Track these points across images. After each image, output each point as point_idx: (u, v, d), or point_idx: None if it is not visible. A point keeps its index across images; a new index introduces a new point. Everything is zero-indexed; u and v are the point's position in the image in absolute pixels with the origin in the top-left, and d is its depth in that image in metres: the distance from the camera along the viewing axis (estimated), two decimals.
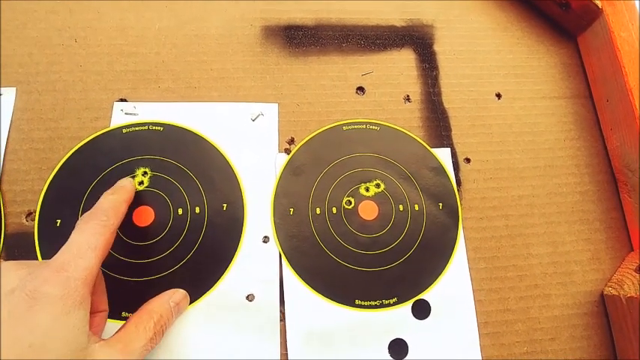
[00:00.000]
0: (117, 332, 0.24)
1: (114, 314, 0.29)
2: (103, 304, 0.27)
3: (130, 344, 0.24)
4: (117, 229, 0.26)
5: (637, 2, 0.37)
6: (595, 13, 0.37)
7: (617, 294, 0.31)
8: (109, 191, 0.28)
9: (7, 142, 0.32)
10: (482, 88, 0.38)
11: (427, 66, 0.38)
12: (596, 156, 0.37)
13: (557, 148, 0.37)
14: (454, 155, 0.36)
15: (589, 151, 0.37)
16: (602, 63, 0.37)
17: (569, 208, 0.35)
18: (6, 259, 0.29)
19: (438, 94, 0.37)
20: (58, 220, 0.30)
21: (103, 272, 0.29)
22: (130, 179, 0.31)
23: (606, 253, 0.34)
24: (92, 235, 0.24)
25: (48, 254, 0.29)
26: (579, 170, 0.36)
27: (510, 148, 0.36)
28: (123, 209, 0.27)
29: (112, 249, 0.30)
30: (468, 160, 0.36)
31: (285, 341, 0.29)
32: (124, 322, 0.28)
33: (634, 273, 0.32)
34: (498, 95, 0.38)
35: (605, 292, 0.33)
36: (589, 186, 0.36)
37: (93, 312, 0.25)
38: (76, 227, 0.25)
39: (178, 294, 0.28)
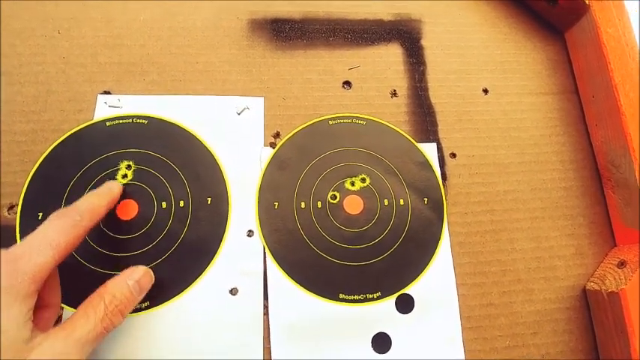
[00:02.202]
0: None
1: None
2: (55, 298, 0.26)
3: (75, 331, 0.23)
4: (89, 231, 0.26)
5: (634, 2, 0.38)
6: (582, 9, 0.37)
7: (598, 289, 0.32)
8: (93, 191, 0.28)
9: None
10: (469, 83, 0.38)
11: (414, 61, 0.38)
12: (580, 152, 0.37)
13: (542, 143, 0.37)
14: (440, 150, 0.36)
15: (574, 146, 0.37)
16: (588, 59, 0.37)
17: (553, 203, 0.35)
18: None
19: (425, 89, 0.37)
20: (40, 214, 0.30)
21: (86, 266, 0.29)
22: (119, 184, 0.30)
23: (589, 249, 0.34)
24: (58, 232, 0.24)
25: None
26: (564, 166, 0.37)
27: (496, 144, 0.36)
28: (101, 212, 0.27)
29: (94, 242, 0.30)
30: (453, 155, 0.36)
31: (269, 335, 0.29)
32: None
33: (616, 268, 0.32)
34: (485, 90, 0.38)
35: (587, 287, 0.33)
36: (573, 182, 0.36)
37: (43, 306, 0.25)
38: (47, 219, 0.25)
39: (138, 271, 0.27)
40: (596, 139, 0.37)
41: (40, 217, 0.30)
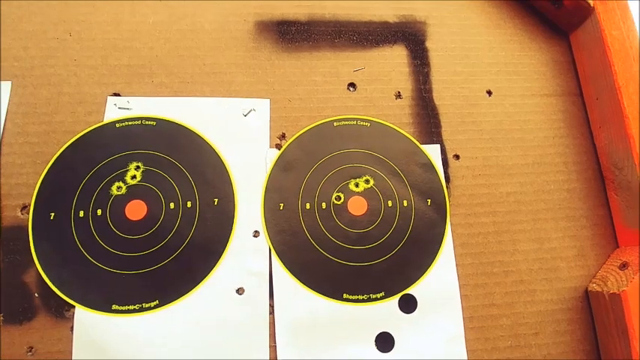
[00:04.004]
0: None
1: (105, 307, 0.30)
2: None
3: None
4: None
5: (633, 2, 0.38)
6: (587, 11, 0.37)
7: (600, 290, 0.32)
8: None
9: (2, 136, 0.32)
10: (474, 85, 0.38)
11: (419, 62, 0.38)
12: (584, 154, 0.37)
13: (546, 145, 0.37)
14: (443, 152, 0.36)
15: (577, 148, 0.37)
16: (592, 61, 0.37)
17: (556, 205, 0.36)
18: (1, 252, 0.30)
19: (429, 91, 0.37)
20: (52, 213, 0.31)
21: (96, 265, 0.30)
22: None
23: (592, 250, 0.35)
24: None
25: (42, 247, 0.30)
26: (567, 168, 0.37)
27: (500, 145, 0.37)
28: None
29: (104, 242, 0.30)
30: (457, 157, 0.36)
31: (274, 334, 0.30)
32: (115, 315, 0.29)
33: (618, 270, 0.32)
34: (489, 92, 0.38)
35: (589, 289, 0.33)
36: (576, 183, 0.36)
37: None
38: None
39: None
40: (599, 141, 0.37)
41: (52, 217, 0.31)
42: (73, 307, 0.29)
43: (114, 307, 0.30)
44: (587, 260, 0.34)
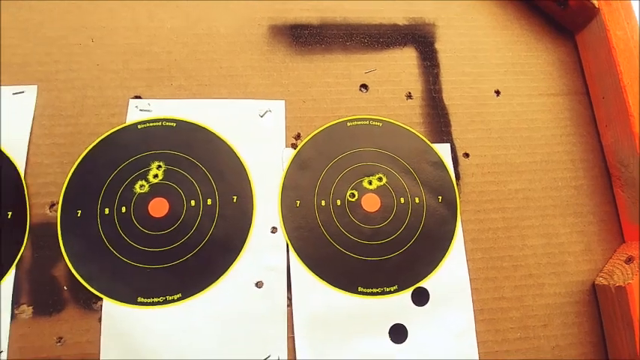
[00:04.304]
0: None
1: (131, 300, 0.31)
2: None
3: None
4: None
5: (634, 2, 0.39)
6: (592, 12, 0.38)
7: (607, 284, 0.33)
8: None
9: (30, 138, 0.34)
10: (482, 85, 0.39)
11: (428, 64, 0.39)
12: (591, 151, 0.38)
13: (553, 143, 0.38)
14: (453, 150, 0.37)
15: (584, 146, 0.38)
16: (598, 61, 0.38)
17: (564, 201, 0.37)
18: (32, 248, 0.31)
19: (439, 91, 0.39)
20: (79, 211, 0.32)
21: (122, 260, 0.31)
22: None
23: (598, 245, 0.36)
24: None
25: (70, 242, 0.32)
26: (574, 165, 0.38)
27: (508, 144, 0.38)
28: None
29: (129, 238, 0.32)
30: (467, 155, 0.37)
31: (292, 325, 0.31)
32: (140, 307, 0.31)
33: (624, 264, 0.33)
34: (497, 92, 0.39)
35: (596, 282, 0.34)
36: (583, 180, 0.37)
37: None
38: None
39: None
40: (606, 139, 0.38)
41: (79, 215, 0.32)
42: (101, 299, 0.31)
43: (139, 299, 0.31)
44: (594, 255, 0.35)
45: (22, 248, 0.31)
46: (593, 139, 0.39)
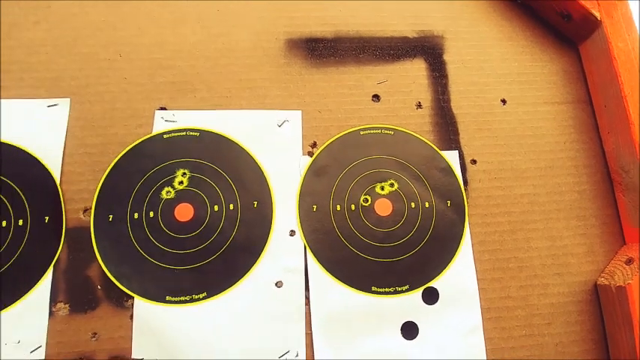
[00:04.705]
0: None
1: (160, 298, 0.33)
2: None
3: None
4: None
5: (635, 15, 0.40)
6: (594, 24, 0.40)
7: (608, 284, 0.35)
8: None
9: (64, 147, 0.36)
10: (489, 94, 0.41)
11: (437, 74, 0.41)
12: (593, 158, 0.40)
13: (557, 150, 0.40)
14: (461, 157, 0.39)
15: (587, 153, 0.40)
16: (600, 71, 0.40)
17: (567, 205, 0.38)
18: (67, 250, 0.34)
19: (447, 101, 0.41)
20: (110, 216, 0.35)
21: (151, 261, 0.34)
22: None
23: (600, 247, 0.37)
24: None
25: (103, 245, 0.34)
26: (578, 171, 0.40)
27: (514, 151, 0.40)
28: None
29: (157, 241, 0.34)
30: (474, 162, 0.39)
31: (310, 322, 0.33)
32: (168, 305, 0.33)
33: (624, 265, 0.35)
34: (503, 101, 0.41)
35: (598, 282, 0.36)
36: (586, 185, 0.39)
37: None
38: None
39: None
40: (608, 145, 0.40)
41: (110, 219, 0.35)
42: (132, 297, 0.33)
43: (167, 298, 0.33)
44: (596, 256, 0.37)
45: (59, 250, 0.34)
46: (595, 146, 0.40)
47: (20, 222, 0.34)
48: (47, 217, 0.34)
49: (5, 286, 0.32)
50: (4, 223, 0.34)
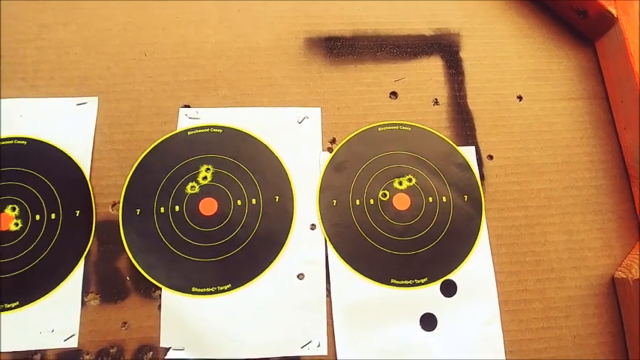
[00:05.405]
0: None
1: (186, 289, 0.34)
2: None
3: None
4: None
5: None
6: (611, 21, 0.41)
7: (625, 277, 0.35)
8: None
9: (93, 144, 0.37)
10: (505, 90, 0.42)
11: (454, 72, 0.42)
12: (610, 153, 0.40)
13: (573, 145, 0.40)
14: (478, 152, 0.40)
15: (604, 148, 0.40)
16: (617, 67, 0.40)
17: (584, 200, 0.39)
18: (98, 242, 0.35)
19: (464, 97, 0.41)
20: (138, 210, 0.36)
21: (177, 254, 0.35)
22: None
23: (617, 241, 0.38)
24: None
25: (131, 238, 0.35)
26: (594, 166, 0.40)
27: (530, 146, 0.40)
28: None
29: (183, 234, 0.35)
30: (490, 157, 0.40)
31: (331, 313, 0.34)
32: (195, 296, 0.34)
33: None
34: (519, 97, 0.42)
35: (615, 276, 0.36)
36: (603, 180, 0.40)
37: None
38: None
39: None
40: (624, 140, 0.40)
41: (137, 213, 0.36)
42: (159, 288, 0.34)
43: (193, 289, 0.34)
44: (613, 250, 0.38)
45: (89, 243, 0.35)
46: (612, 141, 0.41)
47: (53, 216, 0.35)
48: (78, 211, 0.35)
49: (39, 278, 0.34)
50: (37, 217, 0.35)
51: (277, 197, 0.37)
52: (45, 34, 0.40)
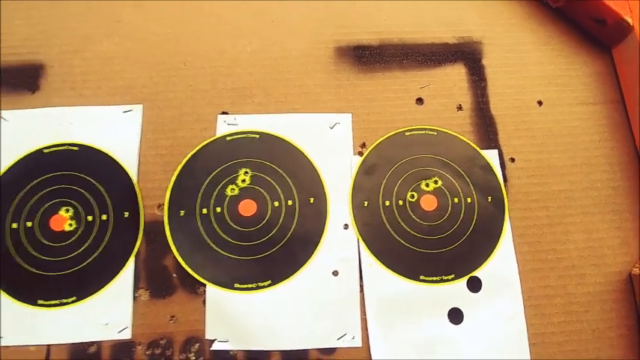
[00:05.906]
0: None
1: (229, 285, 0.37)
2: None
3: None
4: None
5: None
6: (627, 29, 0.42)
7: None
8: None
9: (139, 149, 0.40)
10: (526, 96, 0.44)
11: (476, 78, 0.44)
12: (627, 155, 0.42)
13: (592, 148, 0.42)
14: (501, 156, 0.42)
15: (621, 150, 0.42)
16: (633, 73, 0.42)
17: (602, 200, 0.41)
18: (146, 242, 0.38)
19: (486, 103, 0.43)
20: (182, 211, 0.38)
21: (219, 252, 0.37)
22: None
23: (635, 240, 0.40)
24: None
25: (176, 237, 0.38)
26: (612, 168, 0.42)
27: (550, 149, 0.42)
28: None
29: (224, 234, 0.38)
30: (513, 160, 0.42)
31: (364, 308, 0.37)
32: (238, 292, 0.37)
33: None
34: (540, 102, 0.44)
35: (632, 272, 0.38)
36: (620, 182, 0.41)
37: None
38: None
39: None
40: None
41: (182, 214, 0.38)
42: (204, 285, 0.37)
43: (236, 285, 0.37)
44: (630, 248, 0.40)
45: (138, 242, 0.38)
46: (628, 144, 0.43)
47: (104, 217, 0.38)
48: (127, 213, 0.38)
49: (93, 274, 0.36)
50: (89, 218, 0.38)
51: (312, 199, 0.39)
52: (89, 45, 0.43)
